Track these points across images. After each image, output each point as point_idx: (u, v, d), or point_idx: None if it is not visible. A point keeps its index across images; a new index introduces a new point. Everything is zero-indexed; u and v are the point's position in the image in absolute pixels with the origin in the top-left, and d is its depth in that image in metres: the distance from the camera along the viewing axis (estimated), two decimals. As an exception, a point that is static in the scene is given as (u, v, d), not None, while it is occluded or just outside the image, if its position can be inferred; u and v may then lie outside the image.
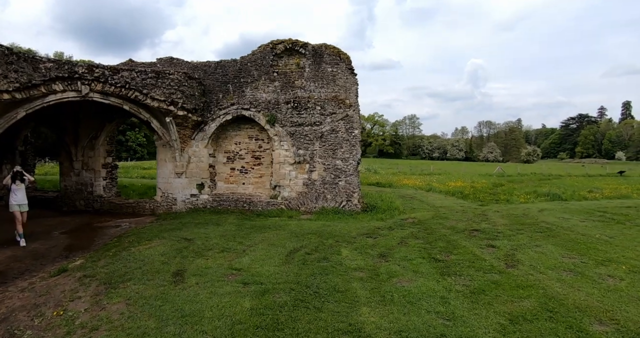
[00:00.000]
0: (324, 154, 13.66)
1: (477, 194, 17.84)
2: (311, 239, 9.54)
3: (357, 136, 13.58)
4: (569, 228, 10.32)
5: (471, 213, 12.93)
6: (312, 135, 13.66)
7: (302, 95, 13.71)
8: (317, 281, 6.56)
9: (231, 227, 11.28)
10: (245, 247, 9.08)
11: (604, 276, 6.60)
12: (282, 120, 13.76)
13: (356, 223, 11.39)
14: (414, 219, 11.90)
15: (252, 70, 13.98)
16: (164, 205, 14.42)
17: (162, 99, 12.80)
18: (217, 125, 14.07)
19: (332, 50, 13.69)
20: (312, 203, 13.67)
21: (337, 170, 13.58)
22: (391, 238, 9.51)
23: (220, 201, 14.18)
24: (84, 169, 15.20)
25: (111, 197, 15.23)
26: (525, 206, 14.71)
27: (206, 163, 14.30)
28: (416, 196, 17.34)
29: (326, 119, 13.58)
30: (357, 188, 13.60)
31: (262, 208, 13.81)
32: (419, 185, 21.20)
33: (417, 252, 8.19)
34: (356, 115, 13.62)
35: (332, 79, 13.62)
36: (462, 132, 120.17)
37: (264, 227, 11.20)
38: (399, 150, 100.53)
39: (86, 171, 15.19)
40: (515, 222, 11.32)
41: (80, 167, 15.21)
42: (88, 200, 15.14)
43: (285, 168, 13.82)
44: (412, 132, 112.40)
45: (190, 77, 13.48)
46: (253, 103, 13.90)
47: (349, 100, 13.57)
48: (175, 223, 12.21)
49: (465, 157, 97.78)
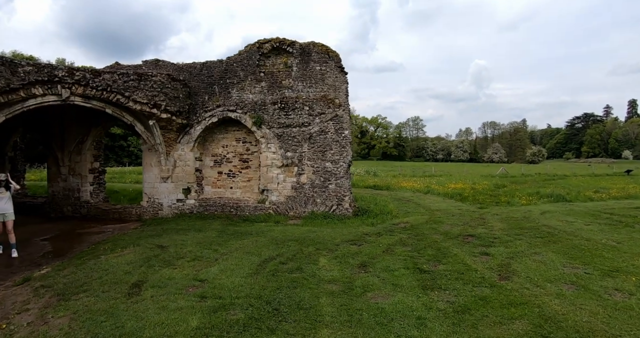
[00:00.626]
0: (312, 156, 12.86)
1: (477, 196, 16.85)
2: (290, 247, 8.73)
3: (347, 137, 12.76)
4: (572, 233, 9.34)
5: (468, 217, 11.99)
6: (300, 137, 12.88)
7: (289, 95, 12.95)
8: (281, 295, 5.76)
9: (212, 234, 10.54)
10: (218, 255, 8.34)
11: (611, 290, 5.67)
12: (269, 121, 13.01)
13: (344, 229, 10.55)
14: (406, 224, 11.01)
15: (238, 71, 13.27)
16: (150, 210, 13.75)
17: (145, 102, 12.18)
18: (202, 128, 13.38)
19: (321, 48, 12.92)
20: (301, 208, 12.86)
21: (326, 173, 12.77)
22: (377, 245, 8.65)
23: (207, 206, 13.46)
24: (70, 174, 14.63)
25: (99, 203, 14.63)
26: (527, 208, 13.71)
27: (192, 167, 13.61)
28: (413, 199, 16.42)
29: (315, 120, 12.80)
30: (348, 192, 12.75)
31: (250, 213, 13.05)
32: (417, 187, 20.24)
33: (402, 262, 7.32)
34: (346, 115, 12.80)
35: (320, 77, 12.84)
36: (466, 133, 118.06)
37: (246, 233, 10.44)
38: (403, 152, 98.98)
39: (73, 176, 14.62)
40: (515, 226, 10.36)
41: (67, 173, 14.64)
42: (75, 206, 14.56)
43: (272, 171, 13.05)
44: (416, 134, 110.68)
45: (174, 78, 12.83)
46: (239, 104, 13.19)
47: (338, 99, 12.77)
48: (157, 230, 11.54)
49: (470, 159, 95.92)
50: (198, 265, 7.73)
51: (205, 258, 8.23)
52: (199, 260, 8.09)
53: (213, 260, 8.06)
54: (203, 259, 8.16)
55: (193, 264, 7.83)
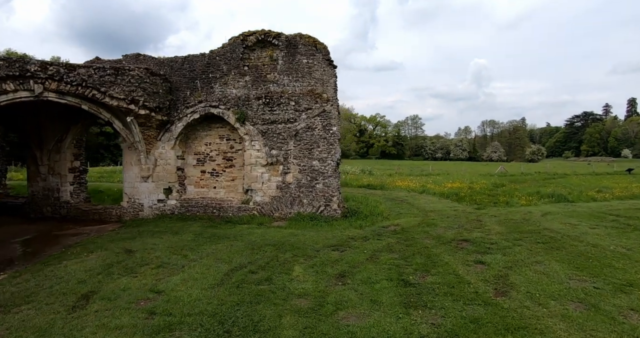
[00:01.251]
0: (299, 153, 11.92)
1: (474, 196, 15.84)
2: (266, 252, 7.81)
3: (335, 133, 11.80)
4: (577, 238, 8.35)
5: (464, 219, 11.02)
6: (285, 134, 11.94)
7: (275, 89, 12.01)
8: (239, 313, 4.87)
9: (188, 237, 9.66)
10: (187, 262, 7.47)
11: (626, 310, 4.70)
12: (253, 117, 12.08)
13: (329, 232, 9.61)
14: (397, 227, 10.05)
15: (221, 65, 12.34)
16: (131, 211, 12.86)
17: (122, 97, 11.29)
18: (184, 125, 12.47)
19: (308, 40, 11.97)
20: (286, 209, 11.93)
21: (313, 172, 11.82)
22: (361, 251, 7.70)
23: (188, 207, 12.55)
24: (50, 173, 13.76)
25: (79, 203, 13.75)
26: (527, 209, 12.70)
27: (173, 166, 12.70)
28: (407, 199, 15.44)
29: (301, 116, 11.85)
30: (337, 192, 11.81)
31: (233, 214, 12.13)
32: (412, 187, 19.22)
33: (386, 271, 6.37)
34: (334, 110, 11.85)
35: (307, 71, 11.89)
36: (465, 132, 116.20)
37: (224, 236, 9.53)
38: (402, 151, 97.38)
39: (52, 176, 13.75)
40: (514, 230, 9.38)
41: (46, 172, 13.77)
42: (55, 206, 13.70)
43: (257, 170, 12.12)
44: (415, 132, 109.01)
45: (153, 73, 11.92)
46: (222, 100, 12.26)
47: (326, 94, 11.81)
48: (132, 232, 10.69)
49: (469, 157, 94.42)
50: (161, 273, 6.91)
51: (172, 265, 7.38)
52: (164, 268, 7.25)
53: (179, 267, 7.21)
54: (169, 266, 7.31)
55: (156, 272, 7.01)
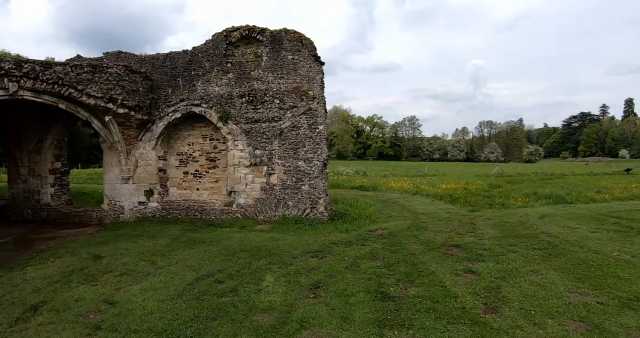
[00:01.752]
0: (283, 154, 11.22)
1: (469, 198, 15.11)
2: (240, 259, 7.12)
3: (322, 132, 11.11)
4: (577, 243, 7.62)
5: (456, 222, 10.29)
6: (270, 133, 11.25)
7: (259, 87, 11.33)
8: (191, 331, 4.22)
9: (164, 241, 8.98)
10: (153, 269, 6.81)
11: (634, 331, 3.99)
12: (236, 116, 11.40)
13: (311, 237, 8.90)
14: (384, 230, 9.33)
15: (203, 62, 11.66)
16: (111, 214, 12.18)
17: (99, 96, 10.64)
18: (165, 124, 11.79)
19: (293, 36, 11.29)
20: (271, 211, 11.23)
21: (299, 173, 11.12)
22: (342, 258, 7.00)
23: (170, 209, 11.86)
24: (30, 175, 13.10)
25: (60, 206, 13.08)
26: (523, 211, 11.97)
27: (155, 167, 12.01)
28: (399, 201, 14.71)
29: (286, 114, 11.16)
30: (324, 194, 11.10)
31: (216, 217, 11.44)
32: (406, 188, 18.48)
33: (365, 282, 5.66)
34: (321, 108, 11.16)
35: (293, 68, 11.20)
36: (462, 133, 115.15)
37: (201, 241, 8.84)
38: (399, 152, 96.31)
39: (33, 177, 13.08)
40: (509, 234, 8.65)
41: (27, 173, 13.12)
42: (35, 208, 13.03)
43: (240, 171, 11.43)
44: (412, 133, 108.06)
45: (133, 70, 11.25)
46: (204, 98, 11.58)
47: (312, 91, 11.13)
48: (108, 236, 10.04)
49: (467, 158, 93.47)
50: (123, 282, 6.27)
51: (137, 272, 6.73)
52: (128, 275, 6.59)
53: (144, 275, 6.56)
54: (134, 274, 6.66)
55: (118, 280, 6.37)
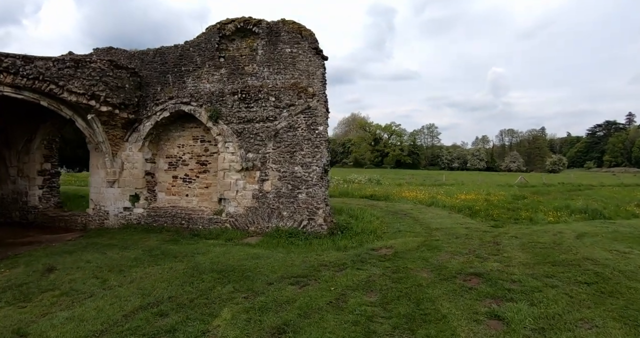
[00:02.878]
0: (278, 157, 9.74)
1: (491, 210, 13.10)
2: (203, 283, 5.63)
3: (322, 134, 9.57)
4: (634, 276, 5.68)
5: (477, 241, 8.45)
6: (264, 134, 9.81)
7: (253, 83, 9.95)
8: None
9: (134, 254, 7.64)
10: (99, 290, 5.50)
11: None
12: (228, 115, 10.04)
13: (301, 255, 7.31)
14: (389, 250, 7.63)
15: (194, 56, 10.42)
16: (96, 219, 11.05)
17: (81, 92, 9.57)
18: (153, 124, 10.58)
19: (292, 27, 9.87)
20: (263, 222, 9.73)
21: (295, 179, 9.60)
22: (328, 287, 5.38)
23: (156, 216, 10.57)
24: (19, 175, 12.21)
25: (47, 209, 12.08)
26: (556, 228, 9.94)
27: (141, 170, 10.79)
28: (411, 212, 12.89)
29: (282, 113, 9.71)
30: (323, 204, 9.51)
31: (204, 227, 10.05)
32: (420, 198, 16.57)
33: (349, 328, 4.02)
34: (321, 106, 9.64)
35: (291, 62, 9.77)
36: (482, 141, 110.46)
37: (175, 255, 7.44)
38: (417, 160, 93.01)
39: (21, 178, 12.19)
40: (543, 259, 6.77)
41: (15, 174, 12.23)
42: (23, 211, 12.12)
43: (230, 176, 10.02)
44: (431, 142, 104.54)
45: (118, 65, 10.13)
46: (194, 96, 10.30)
47: (312, 87, 9.64)
48: (80, 244, 8.87)
49: (487, 167, 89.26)
50: (57, 304, 5.03)
51: (80, 293, 5.44)
52: (68, 296, 5.31)
53: (85, 297, 5.26)
54: (75, 294, 5.37)
55: (53, 302, 5.12)
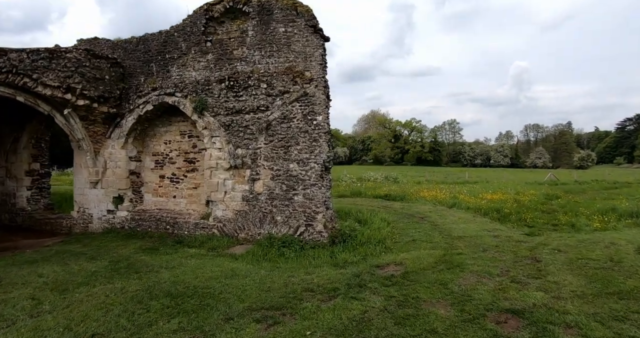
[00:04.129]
0: (271, 153, 8.25)
1: (524, 213, 11.05)
2: (144, 314, 4.23)
3: (320, 125, 7.99)
4: None
5: (510, 256, 6.63)
6: (254, 127, 8.35)
7: (242, 69, 8.50)
8: None
9: (94, 267, 6.41)
10: (24, 317, 4.52)
11: None
12: (215, 106, 8.65)
13: (286, 273, 5.79)
14: (398, 268, 5.96)
15: (179, 42, 9.09)
16: (80, 222, 9.99)
17: (56, 85, 8.48)
18: (135, 119, 9.35)
19: (285, 3, 8.33)
20: (254, 229, 8.29)
21: (290, 179, 8.09)
22: (303, 332, 3.82)
23: (140, 220, 9.36)
24: (7, 176, 11.37)
25: (36, 211, 11.16)
26: (607, 238, 7.91)
27: (124, 169, 9.60)
28: (430, 215, 11.08)
29: (275, 102, 8.21)
30: (323, 207, 7.94)
31: (189, 233, 8.73)
32: (441, 198, 14.62)
33: None
34: (320, 93, 8.05)
35: (285, 42, 8.24)
36: (506, 137, 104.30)
37: (141, 268, 6.14)
38: (439, 157, 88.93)
39: (10, 179, 11.34)
40: (602, 288, 4.92)
41: (4, 175, 11.40)
42: (12, 213, 11.27)
43: (218, 175, 8.64)
44: (453, 138, 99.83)
45: (96, 55, 8.97)
46: (179, 85, 8.98)
47: (309, 71, 8.07)
48: (50, 252, 7.82)
49: (511, 164, 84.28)
50: None
51: (2, 319, 4.17)
52: None
53: (5, 326, 4.01)
54: None
55: None
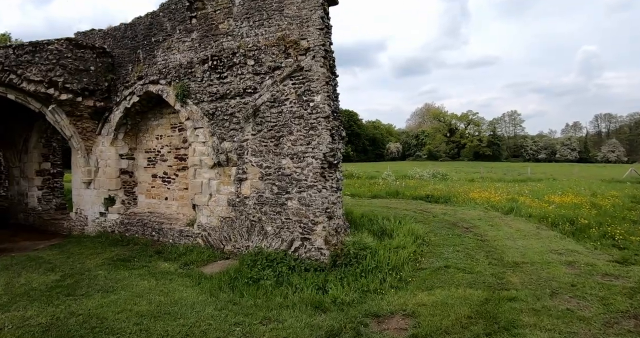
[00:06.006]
0: (259, 147, 6.44)
1: (607, 225, 7.84)
2: None
3: (319, 107, 5.94)
4: None
5: (598, 307, 3.99)
6: (241, 114, 6.60)
7: (229, 45, 6.78)
8: None
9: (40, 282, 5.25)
10: None
11: None
12: (198, 92, 7.07)
13: (239, 314, 3.89)
14: (406, 322, 3.70)
15: (164, 23, 7.66)
16: (78, 224, 9.20)
17: (39, 80, 7.66)
18: (122, 112, 8.16)
19: (278, -44, 6.44)
20: (242, 240, 6.56)
21: (282, 178, 6.20)
22: None
23: (129, 225, 8.17)
24: (21, 176, 11.11)
25: (47, 211, 10.71)
26: None
27: (115, 168, 8.48)
28: (478, 225, 8.39)
29: (264, 81, 6.37)
30: (323, 216, 5.91)
31: (174, 241, 7.30)
32: (495, 200, 11.51)
33: None
34: (317, 66, 6.00)
35: (277, 7, 6.34)
36: (574, 129, 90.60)
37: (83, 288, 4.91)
38: (498, 152, 79.98)
39: (23, 179, 11.06)
40: None
41: (19, 175, 11.16)
42: (25, 212, 10.99)
43: (202, 174, 7.05)
44: (513, 131, 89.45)
45: (80, 45, 7.95)
46: (163, 71, 7.55)
47: (305, 40, 6.08)
48: (22, 258, 7.07)
49: (579, 158, 73.30)
50: None
51: None
52: None
53: None
54: None
55: None
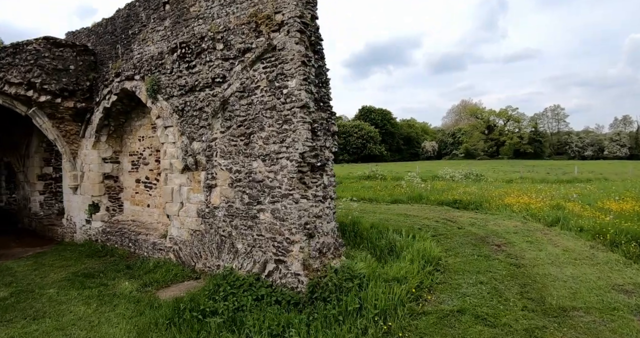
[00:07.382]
0: (228, 146, 5.31)
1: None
2: None
3: (294, 94, 4.66)
4: None
5: None
6: (209, 108, 5.53)
7: (200, 30, 5.75)
8: None
9: None
10: None
11: None
12: (168, 86, 6.10)
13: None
14: None
15: (140, 13, 6.81)
16: (68, 231, 8.71)
17: (18, 82, 7.23)
18: (102, 113, 7.44)
19: None
20: (212, 258, 5.47)
21: (254, 185, 5.02)
22: None
23: (109, 234, 7.42)
24: (25, 181, 10.97)
25: (49, 216, 10.42)
26: None
27: (97, 172, 7.79)
28: (514, 242, 6.61)
29: (234, 67, 5.23)
30: (301, 233, 4.62)
31: (148, 254, 6.41)
32: (536, 208, 9.36)
33: None
34: (292, 43, 4.72)
35: (249, -21, 5.22)
36: (624, 123, 79.99)
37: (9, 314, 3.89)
38: (540, 149, 73.21)
39: (27, 184, 10.90)
40: None
41: (23, 179, 11.04)
42: (29, 218, 10.82)
43: (173, 180, 6.06)
44: (557, 127, 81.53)
45: (59, 43, 7.39)
46: (137, 65, 6.71)
47: (280, 13, 4.86)
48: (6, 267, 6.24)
49: (630, 155, 64.85)
50: None
51: None
52: None
53: None
54: None
55: None
